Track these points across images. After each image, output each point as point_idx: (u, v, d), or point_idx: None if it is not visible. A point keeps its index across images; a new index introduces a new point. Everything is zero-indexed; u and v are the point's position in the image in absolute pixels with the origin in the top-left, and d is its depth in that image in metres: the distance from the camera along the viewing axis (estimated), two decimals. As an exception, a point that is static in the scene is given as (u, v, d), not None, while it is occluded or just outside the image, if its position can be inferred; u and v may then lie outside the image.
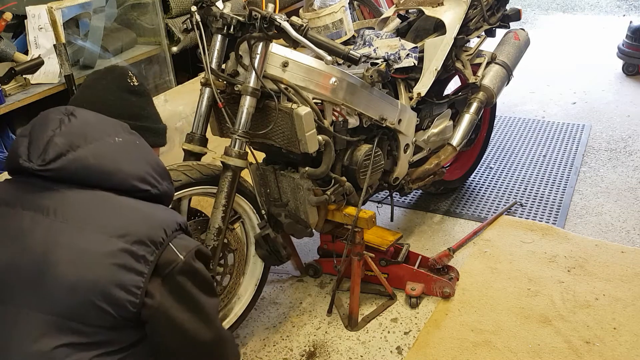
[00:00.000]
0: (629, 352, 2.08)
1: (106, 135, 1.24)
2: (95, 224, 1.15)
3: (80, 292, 1.10)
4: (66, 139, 1.19)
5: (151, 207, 1.24)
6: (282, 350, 2.24)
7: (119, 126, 1.30)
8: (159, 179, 1.29)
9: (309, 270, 2.62)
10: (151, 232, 1.17)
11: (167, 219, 1.23)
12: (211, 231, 1.94)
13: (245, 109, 1.93)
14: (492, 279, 2.50)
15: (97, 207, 1.18)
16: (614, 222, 2.85)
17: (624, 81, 4.54)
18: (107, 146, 1.22)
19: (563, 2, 6.98)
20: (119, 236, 1.14)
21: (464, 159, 3.23)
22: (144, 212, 1.21)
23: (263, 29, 1.87)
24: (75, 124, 1.22)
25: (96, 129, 1.24)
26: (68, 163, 1.17)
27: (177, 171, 1.92)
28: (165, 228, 1.19)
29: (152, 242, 1.16)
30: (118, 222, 1.16)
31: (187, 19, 2.04)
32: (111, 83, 1.45)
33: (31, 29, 2.60)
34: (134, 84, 1.47)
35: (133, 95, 1.47)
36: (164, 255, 1.17)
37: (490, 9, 2.78)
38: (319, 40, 1.93)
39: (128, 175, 1.22)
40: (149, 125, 1.49)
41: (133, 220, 1.18)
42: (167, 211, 1.27)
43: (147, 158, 1.29)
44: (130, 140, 1.28)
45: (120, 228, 1.15)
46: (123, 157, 1.23)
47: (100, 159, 1.20)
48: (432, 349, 2.16)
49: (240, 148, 1.93)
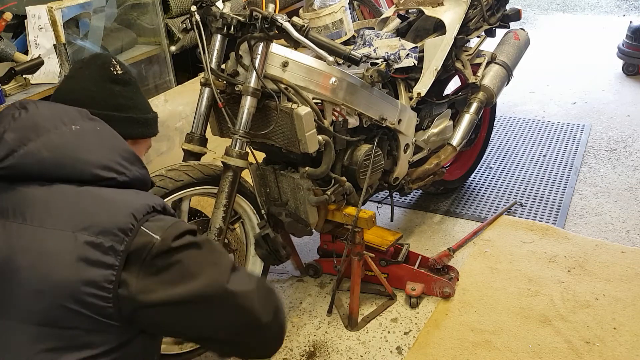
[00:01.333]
0: (629, 352, 2.08)
1: (61, 124, 1.15)
2: (56, 220, 1.07)
3: (47, 297, 1.03)
4: (16, 134, 1.11)
5: (117, 194, 1.14)
6: (282, 350, 2.24)
7: (76, 113, 1.20)
8: (127, 165, 1.19)
9: (309, 270, 2.62)
10: (117, 220, 1.07)
11: (136, 202, 1.11)
12: (212, 231, 1.94)
13: (246, 109, 1.93)
14: (492, 279, 2.50)
15: (56, 202, 1.10)
16: (614, 222, 2.85)
17: (624, 81, 4.54)
18: (61, 136, 1.14)
19: (563, 2, 6.98)
20: (81, 229, 1.05)
21: (464, 159, 3.23)
22: (108, 200, 1.11)
23: (264, 29, 1.87)
24: (26, 117, 1.15)
25: (49, 119, 1.16)
26: (20, 159, 1.10)
27: (178, 171, 1.92)
28: (133, 213, 1.08)
29: (120, 230, 1.06)
30: (80, 214, 1.08)
31: (186, 19, 2.04)
32: (94, 72, 1.36)
33: (31, 29, 2.60)
34: (118, 73, 1.37)
35: (117, 84, 1.37)
36: (136, 241, 1.06)
37: (490, 9, 2.78)
38: (320, 40, 1.93)
39: (88, 164, 1.13)
40: (136, 115, 1.39)
41: (96, 210, 1.08)
42: (138, 195, 1.16)
43: (110, 144, 1.19)
44: (88, 127, 1.19)
45: (82, 221, 1.06)
46: (81, 146, 1.14)
47: (55, 150, 1.12)
48: (432, 349, 2.16)
49: (241, 148, 1.93)
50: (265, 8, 1.97)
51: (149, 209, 1.12)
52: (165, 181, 1.86)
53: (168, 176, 1.89)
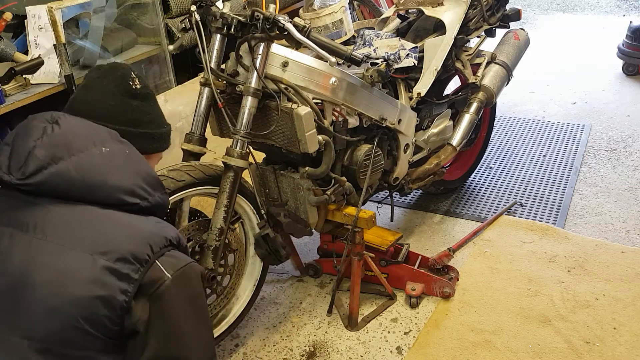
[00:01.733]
0: (629, 352, 2.08)
1: (92, 145, 1.16)
2: (76, 241, 1.09)
3: (60, 315, 1.05)
4: (47, 151, 1.12)
5: (138, 221, 1.17)
6: (282, 350, 2.24)
7: (107, 134, 1.21)
8: (150, 191, 1.21)
9: (309, 270, 2.62)
10: (135, 249, 1.10)
11: (155, 233, 1.15)
12: (213, 231, 1.94)
13: (247, 110, 1.93)
14: (492, 279, 2.50)
15: (79, 223, 1.12)
16: (614, 222, 2.85)
17: (624, 81, 4.54)
18: (92, 158, 1.15)
19: (563, 2, 6.98)
20: (100, 253, 1.08)
21: (464, 159, 3.23)
22: (129, 226, 1.14)
23: (265, 29, 1.87)
24: (58, 134, 1.15)
25: (81, 139, 1.16)
26: (49, 177, 1.11)
27: (180, 171, 1.92)
28: (151, 244, 1.12)
29: (136, 259, 1.09)
30: (100, 238, 1.10)
31: (185, 18, 2.04)
32: (111, 85, 1.33)
33: (31, 29, 2.60)
34: (137, 87, 1.35)
35: (135, 99, 1.35)
36: (149, 274, 1.10)
37: (490, 9, 2.78)
38: (321, 41, 1.93)
39: (114, 189, 1.15)
40: (151, 130, 1.38)
41: (116, 236, 1.11)
42: (157, 225, 1.20)
43: (137, 169, 1.21)
44: (118, 150, 1.21)
45: (102, 245, 1.09)
46: (109, 169, 1.16)
47: (84, 172, 1.13)
48: (432, 349, 2.16)
49: (242, 148, 1.93)
50: (266, 8, 1.96)
51: (166, 242, 1.15)
52: (167, 181, 1.86)
53: (170, 176, 1.88)
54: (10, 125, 2.68)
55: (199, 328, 1.20)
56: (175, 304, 1.14)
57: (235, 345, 2.27)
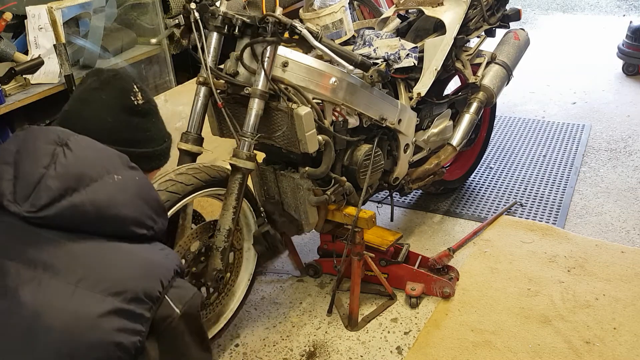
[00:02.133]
0: (629, 352, 2.08)
1: (105, 174, 1.11)
2: (89, 279, 1.05)
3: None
4: (61, 182, 1.06)
5: (146, 252, 1.14)
6: (282, 350, 2.24)
7: (118, 160, 1.16)
8: (156, 218, 1.18)
9: (309, 270, 2.62)
10: (147, 286, 1.08)
11: (164, 266, 1.13)
12: (222, 232, 1.95)
13: (254, 112, 1.93)
14: (492, 279, 2.50)
15: (89, 258, 1.07)
16: (614, 222, 2.85)
17: (624, 81, 4.54)
18: (105, 189, 1.10)
19: (563, 2, 6.98)
20: (114, 294, 1.04)
21: (464, 159, 3.23)
22: (138, 261, 1.11)
23: (277, 33, 1.86)
24: (71, 162, 1.09)
25: (94, 167, 1.11)
26: (62, 210, 1.05)
27: (187, 175, 1.92)
28: (162, 279, 1.11)
29: (149, 298, 1.07)
30: (113, 276, 1.06)
31: (178, 14, 2.02)
32: (111, 99, 1.23)
33: (31, 29, 2.60)
34: (138, 102, 1.25)
35: (135, 116, 1.26)
36: (160, 311, 1.09)
37: (490, 9, 2.78)
38: (332, 47, 1.95)
39: (125, 221, 1.12)
40: (150, 149, 1.31)
41: (128, 273, 1.08)
42: (163, 254, 1.17)
43: (146, 196, 1.17)
44: (129, 177, 1.16)
45: (115, 284, 1.05)
46: (121, 200, 1.11)
47: (98, 205, 1.08)
48: (432, 349, 2.16)
49: (249, 150, 1.94)
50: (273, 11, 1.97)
51: (174, 273, 1.14)
52: (177, 186, 1.86)
53: (179, 180, 1.88)
54: (10, 125, 2.68)
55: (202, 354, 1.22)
56: (184, 338, 1.15)
57: (235, 345, 2.27)
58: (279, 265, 2.72)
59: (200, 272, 2.01)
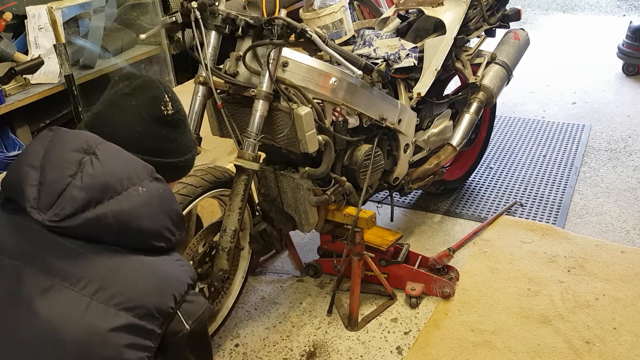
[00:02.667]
0: (629, 352, 2.08)
1: (130, 185, 1.11)
2: (105, 292, 1.05)
3: None
4: (86, 194, 1.06)
5: (164, 266, 1.14)
6: (282, 350, 2.24)
7: (144, 171, 1.15)
8: (175, 230, 1.18)
9: (309, 270, 2.62)
10: (161, 302, 1.08)
11: (179, 280, 1.14)
12: (227, 233, 1.95)
13: (259, 113, 1.93)
14: (492, 279, 2.50)
15: (106, 270, 1.07)
16: (614, 222, 2.85)
17: (624, 81, 4.54)
18: (130, 201, 1.10)
19: (563, 2, 6.98)
20: (128, 309, 1.05)
21: (464, 159, 3.23)
22: (156, 275, 1.11)
23: (285, 36, 1.86)
24: (98, 172, 1.08)
25: (120, 178, 1.10)
26: (86, 222, 1.06)
27: (195, 177, 1.92)
28: (175, 294, 1.11)
29: (161, 314, 1.08)
30: (128, 290, 1.06)
31: (175, 13, 2.02)
32: (141, 107, 1.21)
33: (31, 29, 2.60)
34: (168, 112, 1.23)
35: (164, 126, 1.24)
36: (171, 326, 1.10)
37: (490, 9, 2.78)
38: (337, 50, 1.96)
39: (146, 235, 1.12)
40: (176, 160, 1.29)
41: (144, 288, 1.08)
42: (178, 266, 1.17)
43: (168, 209, 1.17)
44: (154, 190, 1.15)
45: (130, 299, 1.05)
46: (144, 213, 1.11)
47: (120, 218, 1.08)
48: (432, 349, 2.16)
49: (254, 151, 1.94)
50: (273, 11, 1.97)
51: (187, 287, 1.14)
52: (187, 188, 1.87)
53: (189, 183, 1.89)
54: (10, 125, 2.68)
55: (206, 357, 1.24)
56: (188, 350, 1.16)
57: (235, 345, 2.27)
58: (279, 265, 2.72)
59: (205, 272, 2.02)
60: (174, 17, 2.01)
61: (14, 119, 2.66)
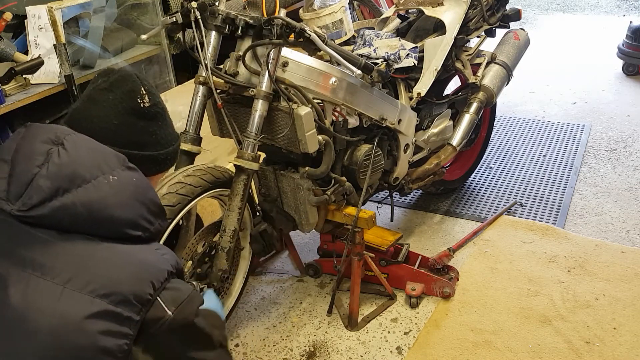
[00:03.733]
0: (629, 352, 2.08)
1: (100, 174, 1.10)
2: (78, 280, 1.03)
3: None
4: (53, 183, 1.06)
5: (141, 254, 1.12)
6: (282, 350, 2.24)
7: (115, 160, 1.14)
8: (153, 220, 1.16)
9: (309, 270, 2.62)
10: (138, 289, 1.06)
11: (157, 268, 1.11)
12: (227, 233, 1.95)
13: (259, 113, 1.93)
14: (492, 279, 2.50)
15: (79, 259, 1.06)
16: (614, 222, 2.85)
17: (624, 81, 4.54)
18: (99, 190, 1.09)
19: (563, 2, 6.98)
20: (102, 296, 1.03)
21: (464, 159, 3.23)
22: (132, 262, 1.09)
23: (284, 36, 1.86)
24: (65, 161, 1.08)
25: (88, 167, 1.09)
26: (53, 211, 1.05)
27: (194, 176, 1.92)
28: (153, 281, 1.08)
29: (138, 300, 1.05)
30: (102, 278, 1.04)
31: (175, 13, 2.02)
32: (118, 101, 1.22)
33: (31, 29, 2.60)
34: (145, 105, 1.24)
35: (142, 119, 1.24)
36: (151, 312, 1.07)
37: (490, 9, 2.78)
38: (336, 49, 1.95)
39: (119, 223, 1.10)
40: (156, 152, 1.28)
41: (120, 275, 1.06)
42: (158, 255, 1.15)
43: (142, 198, 1.15)
44: (126, 178, 1.14)
45: (104, 286, 1.03)
46: (116, 202, 1.10)
47: (91, 206, 1.07)
48: (432, 349, 2.16)
49: (254, 151, 1.94)
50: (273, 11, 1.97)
51: (167, 275, 1.12)
52: (186, 188, 1.87)
53: (187, 182, 1.88)
54: (10, 125, 2.68)
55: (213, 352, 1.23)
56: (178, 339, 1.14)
57: (235, 345, 2.27)
58: (279, 265, 2.72)
59: (204, 272, 2.02)
60: (174, 17, 2.01)
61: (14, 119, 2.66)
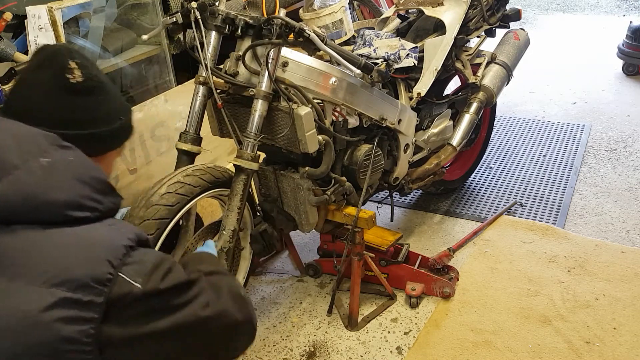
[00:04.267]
0: (629, 352, 2.08)
1: (30, 158, 1.01)
2: (27, 273, 0.95)
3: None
4: None
5: (92, 233, 1.03)
6: (282, 350, 2.24)
7: (44, 141, 1.05)
8: (100, 198, 1.07)
9: (309, 270, 2.62)
10: (94, 270, 0.97)
11: (113, 245, 1.02)
12: (227, 233, 1.95)
13: (258, 113, 1.92)
14: (492, 279, 2.50)
15: (26, 250, 0.97)
16: (614, 222, 2.85)
17: (624, 81, 4.54)
18: (30, 175, 1.00)
19: (563, 2, 6.98)
20: (57, 285, 0.94)
21: (464, 159, 3.23)
22: (82, 244, 1.00)
23: (283, 36, 1.86)
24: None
25: (16, 152, 1.00)
26: None
27: (194, 176, 1.92)
28: (110, 259, 0.99)
29: (97, 282, 0.96)
30: (52, 266, 0.96)
31: (175, 13, 2.02)
32: (47, 80, 1.13)
33: (31, 29, 2.60)
34: (77, 80, 1.14)
35: (75, 95, 1.15)
36: (115, 291, 0.98)
37: (490, 9, 2.78)
38: (336, 49, 1.95)
39: (60, 206, 1.01)
40: (98, 130, 1.19)
41: (70, 260, 0.97)
42: (111, 232, 1.05)
43: (84, 177, 1.05)
44: (59, 158, 1.04)
45: (56, 275, 0.95)
46: (51, 185, 1.01)
47: (24, 193, 0.98)
48: (432, 349, 2.16)
49: (253, 151, 1.94)
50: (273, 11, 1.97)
51: (125, 249, 1.02)
52: (185, 188, 1.87)
53: (187, 182, 1.88)
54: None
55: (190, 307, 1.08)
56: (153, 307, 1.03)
57: (235, 345, 2.27)
58: (279, 265, 2.72)
59: None
60: (175, 18, 2.01)
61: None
